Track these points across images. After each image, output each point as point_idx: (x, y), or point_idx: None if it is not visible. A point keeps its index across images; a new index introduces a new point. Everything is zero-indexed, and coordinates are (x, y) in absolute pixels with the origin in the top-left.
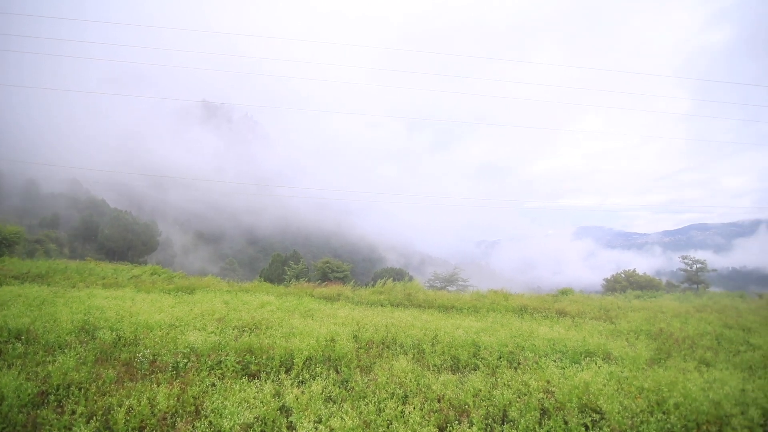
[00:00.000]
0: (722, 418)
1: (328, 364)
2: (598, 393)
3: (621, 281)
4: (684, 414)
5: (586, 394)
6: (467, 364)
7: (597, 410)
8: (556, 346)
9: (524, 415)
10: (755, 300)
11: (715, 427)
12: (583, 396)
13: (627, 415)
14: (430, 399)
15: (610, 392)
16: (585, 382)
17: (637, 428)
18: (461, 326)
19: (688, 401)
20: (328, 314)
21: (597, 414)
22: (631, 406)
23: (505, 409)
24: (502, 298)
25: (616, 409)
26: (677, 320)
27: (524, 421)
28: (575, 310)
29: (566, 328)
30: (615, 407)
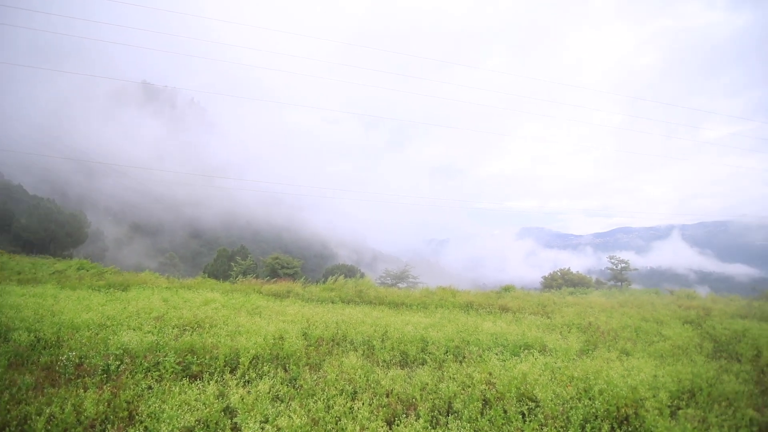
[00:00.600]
0: (638, 401)
1: (276, 362)
2: (534, 383)
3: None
4: (607, 399)
5: (524, 384)
6: (416, 359)
7: (533, 399)
8: (498, 340)
9: (467, 406)
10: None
11: (631, 410)
12: (521, 386)
13: (558, 402)
14: (379, 394)
15: (544, 382)
16: (523, 373)
17: (567, 414)
18: (410, 322)
19: (610, 387)
20: (277, 311)
21: (533, 402)
22: (563, 393)
23: (450, 401)
24: (450, 295)
25: (549, 396)
26: (604, 314)
27: (467, 412)
28: (516, 305)
29: (508, 323)
30: (549, 395)
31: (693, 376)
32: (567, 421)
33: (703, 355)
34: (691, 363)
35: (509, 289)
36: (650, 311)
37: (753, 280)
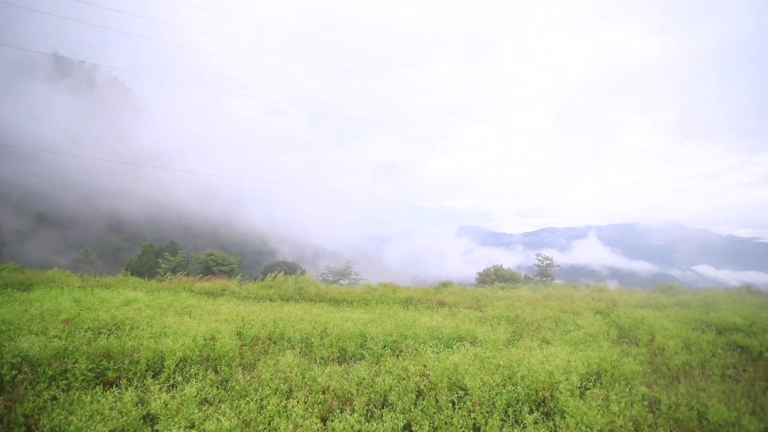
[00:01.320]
0: (553, 385)
1: (207, 364)
2: (464, 372)
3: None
4: (527, 384)
5: (455, 374)
6: (354, 355)
7: (463, 387)
8: (434, 333)
9: (402, 398)
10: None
11: (548, 392)
12: (452, 376)
13: (485, 389)
14: (315, 391)
15: (473, 371)
16: (455, 363)
17: (492, 399)
18: (350, 318)
19: (530, 373)
20: (210, 311)
21: (463, 390)
22: (489, 381)
23: (386, 394)
24: (391, 291)
25: (477, 384)
26: (529, 307)
27: (401, 403)
28: (453, 300)
29: (444, 317)
30: (476, 383)
31: (600, 359)
32: (492, 406)
33: (609, 341)
34: (599, 348)
35: (447, 284)
36: (569, 303)
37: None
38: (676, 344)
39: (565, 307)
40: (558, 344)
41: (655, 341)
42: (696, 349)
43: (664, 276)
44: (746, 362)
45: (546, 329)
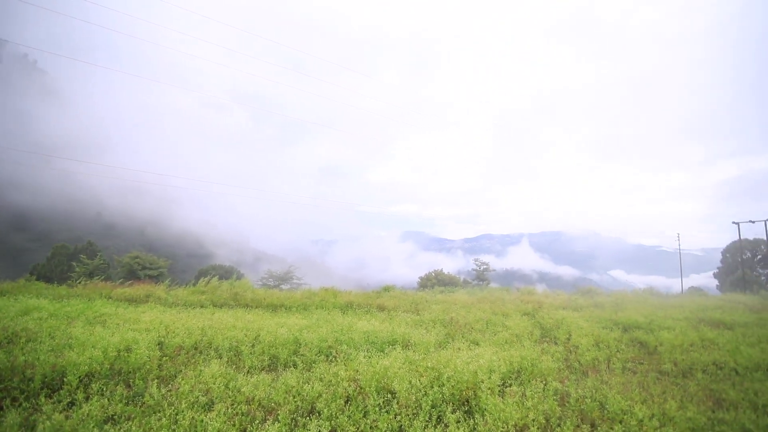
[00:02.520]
0: (477, 384)
1: (118, 378)
2: (393, 376)
3: (431, 279)
4: (453, 384)
5: (385, 378)
6: (287, 363)
7: (391, 391)
8: (370, 338)
9: (329, 405)
10: (515, 293)
11: (471, 392)
12: (382, 380)
13: (413, 392)
14: (238, 402)
15: (402, 374)
16: (385, 367)
17: (419, 401)
18: (286, 324)
19: (456, 374)
20: (129, 319)
21: (391, 394)
22: (417, 383)
23: (314, 401)
24: (332, 296)
25: (405, 387)
26: (464, 310)
27: (328, 410)
28: (392, 304)
29: (381, 321)
30: (404, 386)
31: (521, 358)
32: (418, 408)
33: (532, 341)
34: (522, 348)
35: (388, 289)
36: (500, 306)
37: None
38: (587, 342)
39: (496, 310)
40: (486, 345)
41: (572, 340)
42: (604, 346)
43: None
44: (644, 356)
45: (477, 331)
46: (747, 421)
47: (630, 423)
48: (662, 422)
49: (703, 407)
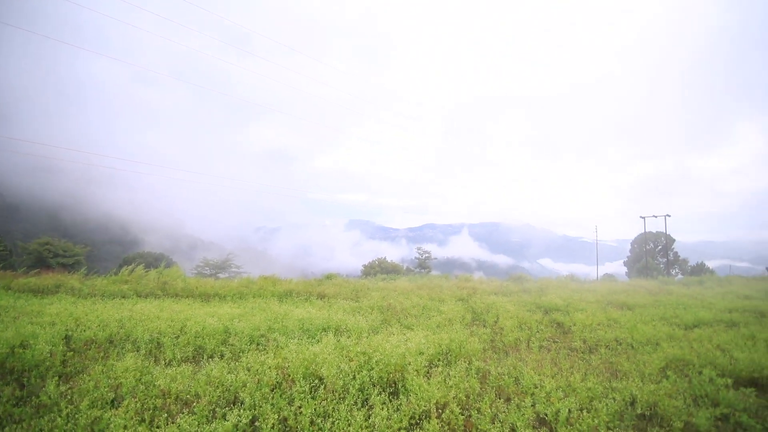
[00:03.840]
0: (404, 366)
1: (9, 377)
2: (322, 362)
3: (375, 267)
4: (382, 367)
5: (314, 365)
6: (214, 353)
7: (319, 376)
8: (304, 325)
9: (253, 394)
10: (453, 280)
11: (399, 373)
12: (310, 366)
13: (341, 376)
14: (151, 396)
15: (332, 359)
16: (314, 354)
17: (347, 385)
18: (217, 314)
19: (385, 357)
20: (30, 312)
21: (319, 380)
22: (346, 368)
23: (238, 391)
24: (271, 284)
25: (333, 372)
26: (402, 296)
27: (251, 399)
28: (333, 292)
29: (319, 308)
30: (333, 371)
31: (450, 341)
32: (346, 392)
33: (463, 324)
34: (453, 330)
35: (331, 277)
36: (438, 292)
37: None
38: (512, 324)
39: (433, 296)
40: (419, 329)
41: (499, 322)
42: (526, 327)
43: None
44: (559, 335)
45: (412, 316)
46: (634, 388)
47: (539, 395)
48: (566, 393)
49: (602, 378)
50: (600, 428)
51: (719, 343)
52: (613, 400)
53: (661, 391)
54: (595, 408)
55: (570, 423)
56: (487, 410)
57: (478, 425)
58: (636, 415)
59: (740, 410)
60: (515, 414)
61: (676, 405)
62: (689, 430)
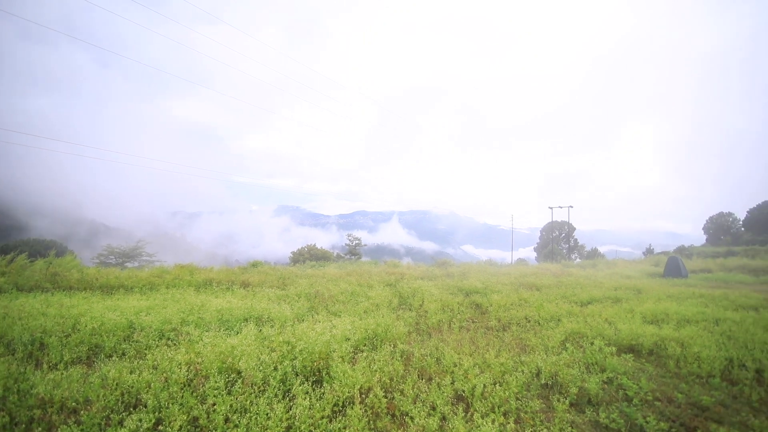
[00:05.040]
0: (329, 353)
1: None
2: (240, 354)
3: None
4: (306, 356)
5: (231, 358)
6: (113, 352)
7: (237, 370)
8: (223, 316)
9: (158, 394)
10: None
11: (324, 361)
12: (227, 360)
13: (262, 368)
14: (26, 406)
15: (251, 351)
16: (232, 346)
17: (267, 377)
18: (120, 308)
19: (310, 346)
20: None
21: (237, 373)
22: (267, 359)
23: (140, 392)
24: (188, 273)
25: (252, 365)
26: (331, 283)
27: (155, 401)
28: (258, 280)
29: (241, 297)
30: (252, 364)
31: (376, 325)
32: (266, 384)
33: (390, 309)
34: (380, 315)
35: (257, 264)
36: (366, 278)
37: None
38: (436, 307)
39: (362, 282)
40: (346, 316)
41: (423, 305)
42: (448, 309)
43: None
44: (477, 316)
45: (340, 302)
46: (540, 361)
47: (458, 373)
48: (482, 369)
49: (513, 353)
50: (510, 399)
51: (607, 316)
52: (522, 372)
53: (561, 361)
54: (507, 381)
55: (485, 397)
56: (409, 391)
57: (400, 407)
58: (540, 384)
59: (621, 374)
60: (436, 393)
61: (573, 373)
62: (582, 394)
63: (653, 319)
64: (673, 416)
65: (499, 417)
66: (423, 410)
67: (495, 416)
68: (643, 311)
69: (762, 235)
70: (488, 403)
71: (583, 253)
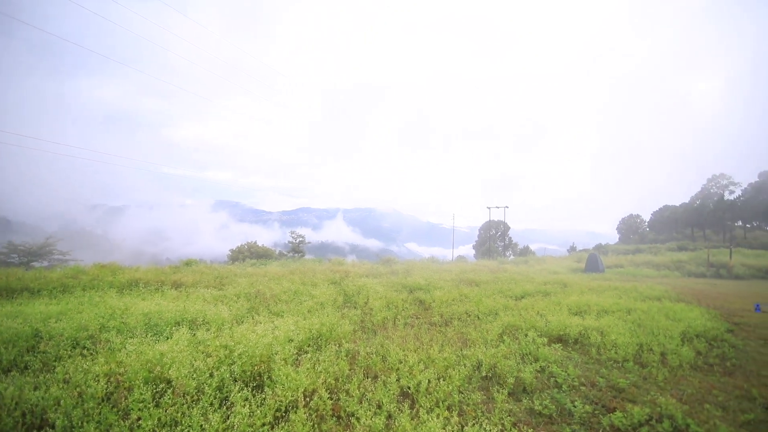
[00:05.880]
0: (271, 356)
1: None
2: (171, 362)
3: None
4: (245, 360)
5: (159, 366)
6: (12, 366)
7: (167, 379)
8: (151, 320)
9: (71, 412)
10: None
11: (265, 365)
12: (155, 368)
13: (196, 375)
14: None
15: (183, 358)
16: (161, 353)
17: (202, 385)
18: (23, 314)
19: (250, 349)
20: None
21: (167, 383)
22: (201, 366)
23: (46, 411)
24: (109, 273)
25: (184, 373)
26: (273, 282)
27: (64, 420)
28: (192, 280)
29: (172, 299)
30: (184, 371)
31: (321, 325)
32: (200, 393)
33: (335, 307)
34: (324, 314)
35: (191, 263)
36: (310, 276)
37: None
38: (381, 304)
39: (306, 280)
40: (289, 316)
41: (369, 303)
42: (393, 307)
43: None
44: (421, 312)
45: (283, 302)
46: (480, 354)
47: (403, 370)
48: (427, 365)
49: (455, 347)
50: (453, 393)
51: (539, 309)
52: (464, 366)
53: (500, 353)
54: (450, 376)
55: (429, 392)
56: (355, 391)
57: (346, 407)
58: (481, 377)
59: (552, 362)
60: (382, 391)
61: (510, 364)
62: (518, 383)
63: (578, 310)
64: (596, 399)
65: (444, 411)
66: (369, 410)
67: (439, 411)
68: (569, 303)
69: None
70: (433, 398)
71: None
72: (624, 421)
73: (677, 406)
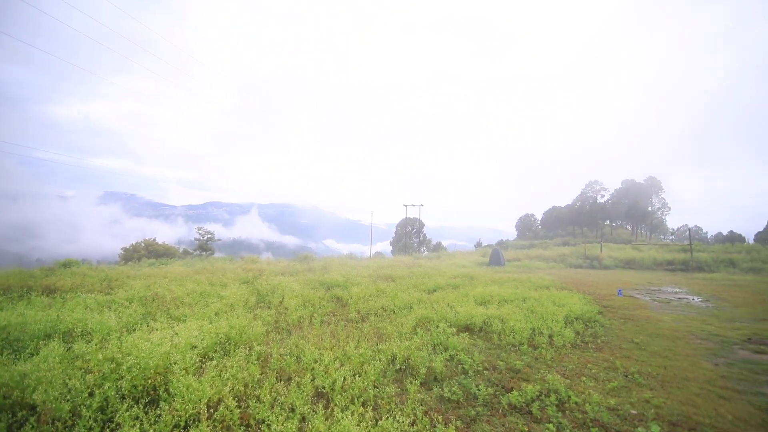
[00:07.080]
0: (168, 366)
1: None
2: (35, 383)
3: (140, 250)
4: (136, 373)
5: (18, 390)
6: None
7: (30, 405)
8: (10, 334)
9: None
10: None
11: (161, 377)
12: (12, 393)
13: (69, 398)
14: None
15: (54, 377)
16: (22, 374)
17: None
18: None
19: (142, 360)
20: None
21: (31, 410)
22: (78, 385)
23: None
24: None
25: (52, 396)
26: (175, 283)
27: None
28: (71, 284)
29: (42, 308)
30: (54, 393)
31: (229, 328)
32: (76, 418)
33: (247, 308)
34: (234, 316)
35: (70, 264)
36: (219, 276)
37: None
38: (296, 302)
39: (214, 280)
40: (193, 320)
41: (284, 302)
42: (310, 305)
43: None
44: (338, 308)
45: (186, 305)
46: (395, 347)
47: (319, 369)
48: (343, 362)
49: (371, 343)
50: (368, 389)
51: (449, 301)
52: (379, 360)
53: (413, 345)
54: (365, 371)
55: (344, 390)
56: (266, 396)
57: (255, 415)
58: (396, 369)
59: (460, 350)
60: (295, 393)
61: (422, 355)
62: (430, 372)
63: (482, 301)
64: (497, 381)
65: (358, 408)
66: (281, 414)
67: (354, 407)
68: (475, 295)
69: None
70: (348, 396)
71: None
72: (520, 399)
73: (561, 381)
